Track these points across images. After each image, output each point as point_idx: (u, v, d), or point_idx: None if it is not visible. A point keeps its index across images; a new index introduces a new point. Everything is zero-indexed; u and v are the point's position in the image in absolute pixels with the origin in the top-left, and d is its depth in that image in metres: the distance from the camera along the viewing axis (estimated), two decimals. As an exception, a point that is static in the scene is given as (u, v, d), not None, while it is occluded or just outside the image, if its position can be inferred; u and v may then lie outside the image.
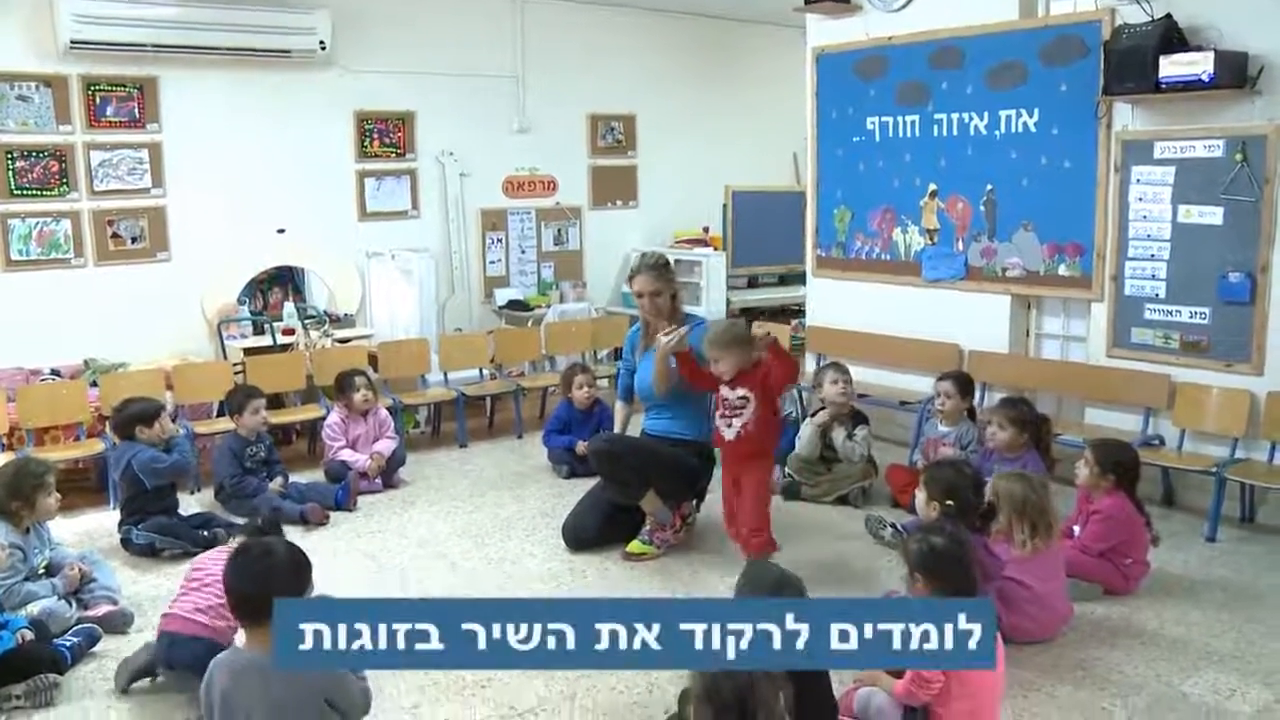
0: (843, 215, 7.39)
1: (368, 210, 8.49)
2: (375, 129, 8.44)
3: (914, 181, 6.87)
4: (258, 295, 8.22)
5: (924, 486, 4.11)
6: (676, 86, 9.95)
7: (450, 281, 8.91)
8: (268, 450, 6.08)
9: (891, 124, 6.95)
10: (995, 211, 6.45)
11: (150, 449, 5.27)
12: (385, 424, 6.49)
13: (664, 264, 5.20)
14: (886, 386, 6.96)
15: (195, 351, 7.60)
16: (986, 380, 6.45)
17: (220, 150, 7.72)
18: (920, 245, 6.89)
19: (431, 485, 6.39)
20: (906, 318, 6.98)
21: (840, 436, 5.88)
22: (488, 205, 9.11)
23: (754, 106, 10.19)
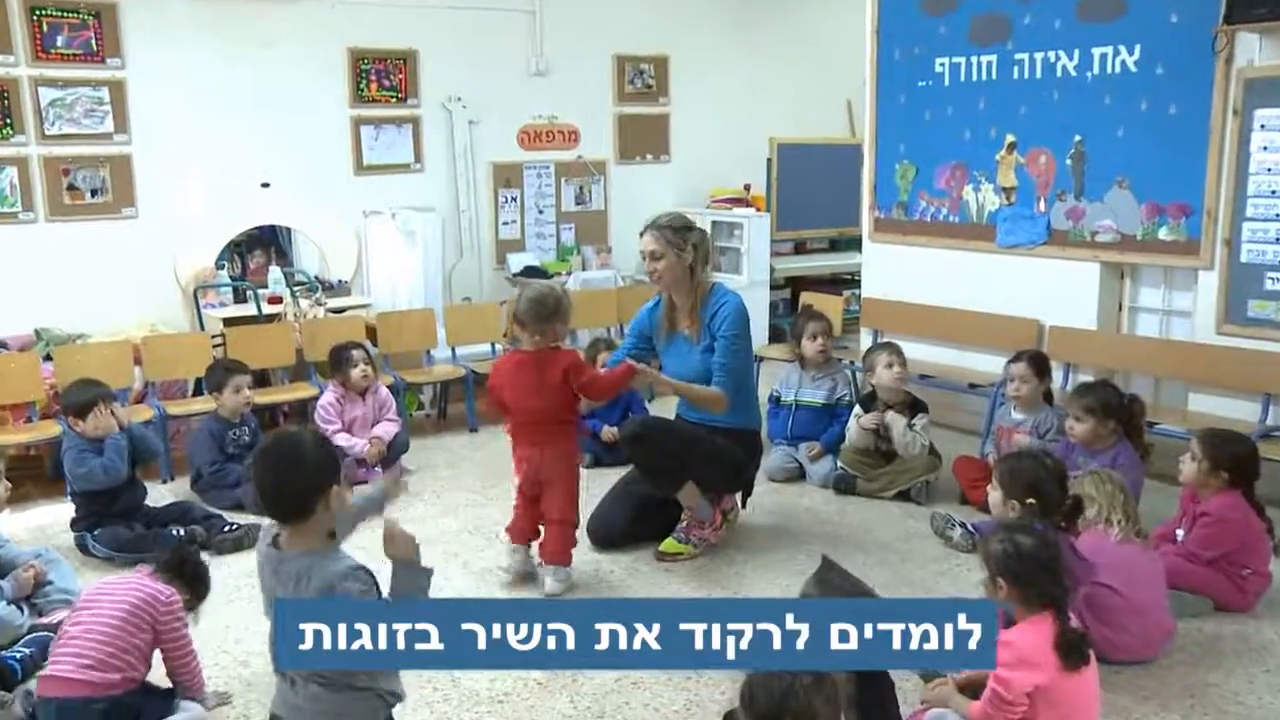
0: (905, 171, 7.35)
1: (364, 163, 8.50)
2: (373, 69, 8.42)
3: (989, 132, 6.80)
4: (238, 258, 8.22)
5: (999, 482, 4.07)
6: (715, 24, 9.89)
7: (458, 245, 8.92)
8: (252, 434, 6.07)
9: (964, 65, 6.88)
10: (1084, 166, 6.36)
11: (81, 445, 5.20)
12: (386, 405, 6.49)
13: (678, 225, 5.03)
14: (953, 368, 6.96)
15: (167, 321, 7.60)
16: (1071, 361, 6.42)
17: (195, 91, 7.74)
18: (995, 206, 6.83)
19: (438, 475, 6.41)
20: (978, 289, 6.94)
21: (899, 427, 5.84)
22: (500, 158, 9.11)
23: (804, 46, 10.14)
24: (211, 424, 6.00)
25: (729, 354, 4.93)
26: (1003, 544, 3.35)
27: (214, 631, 4.28)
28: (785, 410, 6.42)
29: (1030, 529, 3.45)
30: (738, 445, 5.10)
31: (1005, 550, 3.33)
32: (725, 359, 4.93)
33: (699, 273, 5.04)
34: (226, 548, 5.20)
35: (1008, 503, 4.01)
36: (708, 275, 5.11)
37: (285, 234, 8.42)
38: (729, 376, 4.94)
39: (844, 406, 6.27)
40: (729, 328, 4.94)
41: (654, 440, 5.01)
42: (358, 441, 6.22)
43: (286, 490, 2.92)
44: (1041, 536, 3.38)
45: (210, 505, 5.66)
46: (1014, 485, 4.01)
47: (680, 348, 5.11)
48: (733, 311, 4.96)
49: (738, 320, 4.96)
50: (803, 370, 6.46)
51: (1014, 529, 3.45)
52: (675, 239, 4.97)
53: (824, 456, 6.16)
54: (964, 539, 5.09)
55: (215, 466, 5.87)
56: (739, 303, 5.02)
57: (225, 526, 5.32)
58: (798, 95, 10.10)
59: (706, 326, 4.99)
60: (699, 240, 5.03)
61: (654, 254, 4.98)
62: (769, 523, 5.54)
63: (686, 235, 5.00)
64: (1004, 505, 4.02)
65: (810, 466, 6.16)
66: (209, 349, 6.82)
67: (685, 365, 5.05)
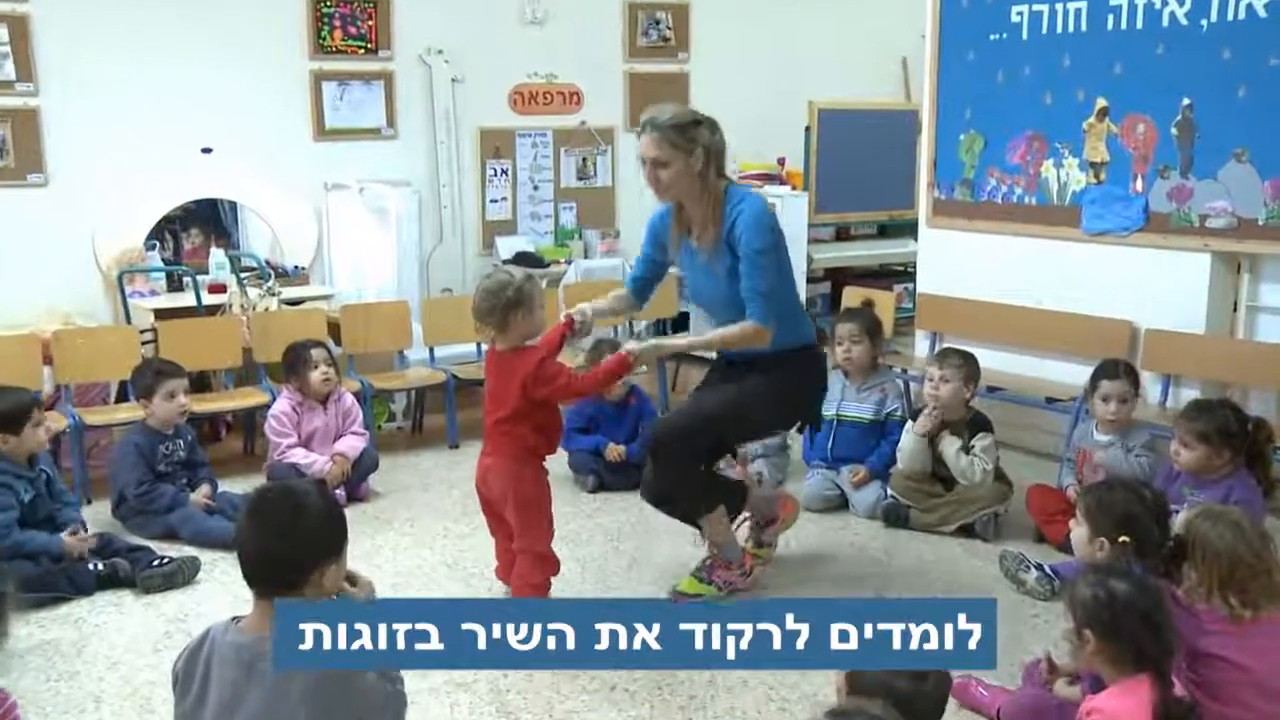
0: (972, 143, 7.32)
1: (326, 127, 8.53)
2: (336, 13, 8.45)
3: (1075, 95, 6.74)
4: (171, 238, 8.23)
5: (1085, 515, 4.04)
6: None
7: (438, 226, 8.98)
8: (189, 448, 6.06)
9: (1046, 14, 6.82)
10: (1193, 136, 6.28)
11: None
12: (351, 415, 6.50)
13: (684, 121, 4.79)
14: (1027, 379, 6.93)
15: (84, 312, 7.59)
16: (1172, 372, 6.37)
17: (120, 33, 7.74)
18: (1081, 184, 6.78)
19: (412, 499, 6.42)
20: (1058, 285, 6.90)
21: (951, 450, 5.81)
22: (489, 124, 9.16)
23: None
24: (139, 437, 5.93)
25: (757, 274, 4.72)
26: (1093, 589, 3.32)
27: (136, 688, 4.26)
28: (825, 427, 6.31)
29: (1127, 573, 3.42)
30: (788, 373, 4.95)
31: (1096, 597, 3.30)
32: (754, 281, 4.72)
33: (711, 179, 4.82)
34: (155, 585, 5.15)
35: (1095, 541, 3.97)
36: (718, 177, 4.88)
37: (230, 210, 8.46)
38: (762, 302, 4.73)
39: (895, 423, 6.22)
40: (752, 241, 4.72)
41: (669, 449, 4.88)
42: (317, 459, 6.24)
43: (276, 561, 2.94)
44: (1140, 582, 3.35)
45: (135, 534, 5.63)
46: (1103, 520, 3.97)
47: (699, 269, 4.96)
48: (753, 220, 4.74)
49: (760, 229, 4.74)
50: (846, 380, 6.41)
51: (1106, 572, 3.42)
52: (682, 140, 4.73)
53: (871, 482, 6.13)
54: (1041, 584, 5.04)
55: (143, 488, 5.80)
56: (759, 206, 4.82)
57: (154, 560, 5.27)
58: (843, 51, 10.16)
59: (725, 242, 4.81)
60: (709, 138, 4.79)
61: (657, 161, 4.75)
62: (805, 561, 5.50)
63: (695, 133, 4.75)
64: (1090, 544, 3.98)
65: (854, 494, 6.13)
66: (136, 346, 6.78)
67: (709, 289, 4.93)
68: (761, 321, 4.71)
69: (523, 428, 4.69)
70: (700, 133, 4.74)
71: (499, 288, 4.61)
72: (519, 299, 4.59)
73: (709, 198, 4.79)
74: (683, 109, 4.94)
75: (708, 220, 4.80)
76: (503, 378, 4.67)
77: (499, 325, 4.60)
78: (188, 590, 5.16)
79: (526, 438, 4.71)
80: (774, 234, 4.78)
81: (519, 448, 4.73)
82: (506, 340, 4.63)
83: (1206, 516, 4.07)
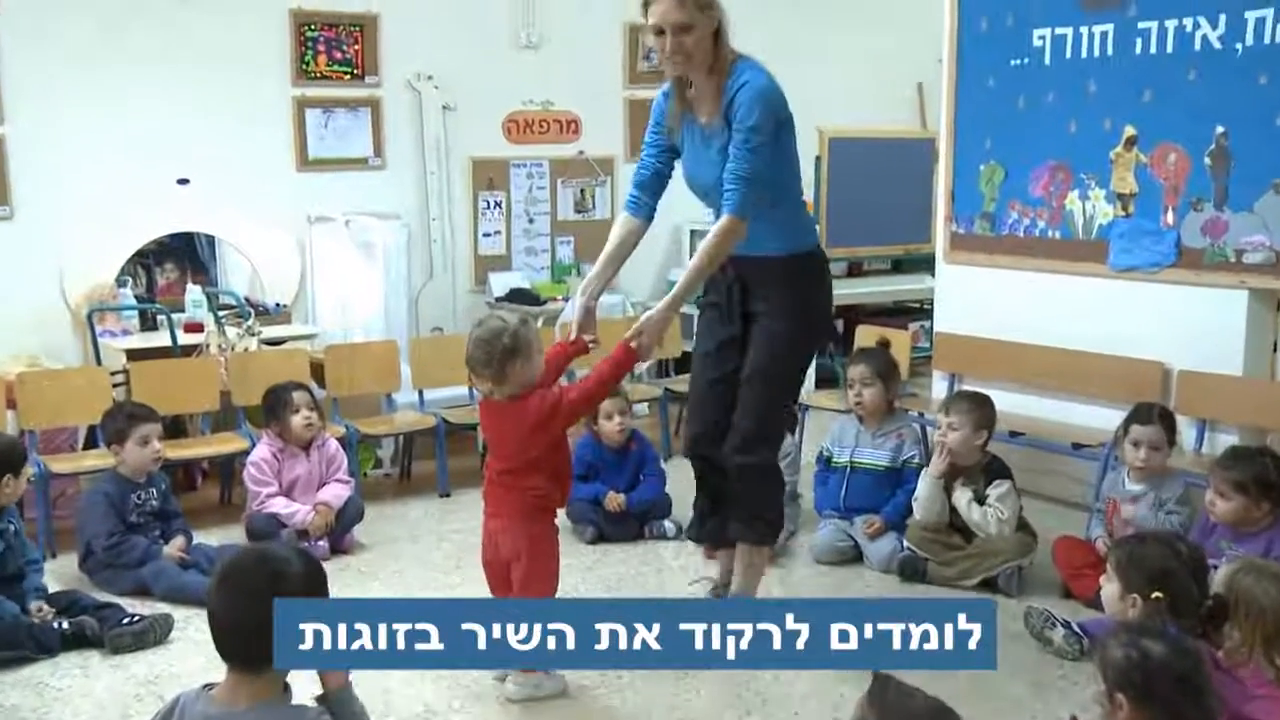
0: (992, 174, 7.33)
1: (310, 156, 8.57)
2: (321, 37, 8.49)
3: (1102, 123, 6.73)
4: (145, 273, 8.26)
5: (1115, 570, 4.04)
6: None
7: (428, 261, 9.01)
8: (162, 498, 6.04)
9: (1070, 38, 6.83)
10: (1228, 166, 6.27)
11: None
12: (335, 462, 6.50)
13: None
14: (1052, 423, 6.91)
15: (52, 352, 7.60)
16: (1207, 417, 6.34)
17: (92, 57, 7.77)
18: (1108, 217, 6.78)
19: (400, 551, 6.40)
20: (1085, 323, 6.88)
21: (963, 501, 5.80)
22: (482, 153, 9.22)
23: (864, 14, 10.22)
24: (109, 485, 5.91)
25: (744, 154, 4.62)
26: (1126, 650, 3.27)
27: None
28: (838, 474, 6.41)
29: (1163, 632, 3.39)
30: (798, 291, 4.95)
31: (1129, 658, 3.25)
32: (738, 163, 4.62)
33: (724, 42, 4.75)
34: (125, 644, 5.10)
35: (1127, 598, 3.97)
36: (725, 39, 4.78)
37: (207, 244, 8.48)
38: (742, 189, 4.63)
39: (911, 471, 6.22)
40: (746, 117, 4.63)
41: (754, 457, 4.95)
42: (299, 509, 6.23)
43: (251, 634, 2.89)
44: (1177, 644, 3.31)
45: (103, 589, 5.61)
46: (1136, 575, 3.97)
47: (698, 148, 4.90)
48: (754, 94, 4.65)
49: (758, 104, 4.64)
50: (860, 425, 6.42)
51: (1141, 632, 3.39)
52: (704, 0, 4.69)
53: (886, 533, 6.11)
54: (1069, 642, 4.99)
55: (113, 539, 5.76)
56: (764, 82, 4.71)
57: (124, 619, 5.22)
58: (855, 76, 10.21)
59: (724, 117, 4.74)
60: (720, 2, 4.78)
61: (681, 26, 4.64)
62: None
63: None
64: (1122, 601, 3.98)
65: (869, 546, 6.10)
66: (107, 389, 6.76)
67: (705, 170, 4.85)
68: (735, 211, 4.63)
69: (535, 478, 4.62)
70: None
71: (494, 335, 4.51)
72: (515, 346, 4.49)
73: (718, 68, 4.73)
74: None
75: (714, 93, 4.76)
76: (504, 428, 4.62)
77: (496, 376, 4.51)
78: (159, 650, 5.10)
79: (539, 487, 4.64)
80: (773, 114, 4.69)
81: (529, 503, 4.64)
82: (505, 390, 4.56)
83: (1249, 571, 4.06)
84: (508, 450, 4.63)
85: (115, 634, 5.12)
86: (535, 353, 4.56)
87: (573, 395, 4.60)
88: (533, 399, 4.54)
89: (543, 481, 4.63)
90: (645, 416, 8.14)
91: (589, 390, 4.67)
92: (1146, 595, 3.89)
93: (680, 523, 6.27)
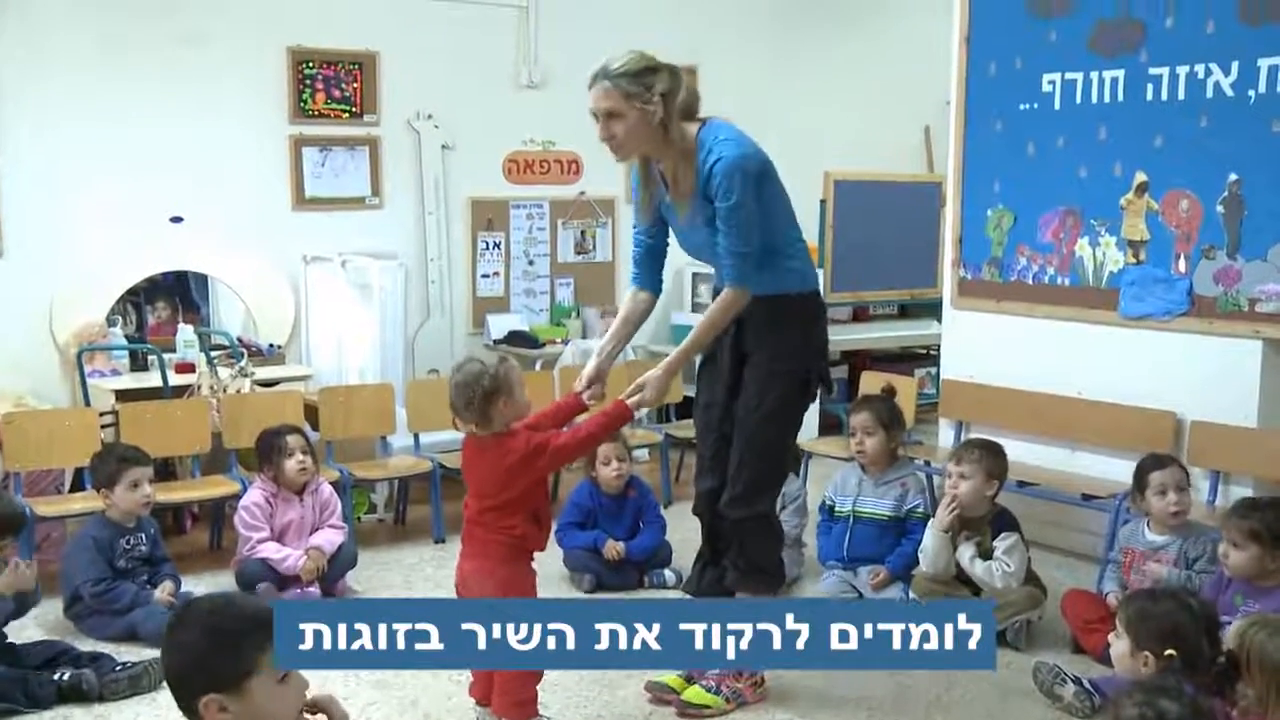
0: (1000, 219, 7.34)
1: (306, 195, 8.59)
2: (319, 76, 8.52)
3: (1112, 169, 6.75)
4: (135, 312, 8.27)
5: (1125, 628, 4.05)
6: (756, 26, 10.09)
7: (425, 302, 9.03)
8: (151, 543, 6.01)
9: (1080, 83, 6.84)
10: (1242, 213, 6.28)
11: None
12: (329, 507, 6.48)
13: (638, 69, 4.67)
14: (1061, 473, 6.90)
15: (39, 392, 7.61)
16: (1221, 468, 6.33)
17: (84, 94, 7.79)
18: (1119, 264, 6.78)
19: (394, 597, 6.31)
20: (1095, 372, 6.89)
21: (965, 556, 5.79)
22: (481, 194, 9.25)
23: (871, 57, 10.30)
24: (96, 530, 5.88)
25: (732, 233, 4.66)
26: (1140, 710, 3.23)
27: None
28: (841, 524, 6.39)
29: (1176, 691, 3.34)
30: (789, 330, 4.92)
31: (1144, 718, 3.22)
32: (728, 240, 4.67)
33: (675, 129, 4.73)
34: (121, 689, 5.06)
35: (1139, 655, 3.98)
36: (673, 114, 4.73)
37: (200, 283, 8.48)
38: (737, 263, 4.69)
39: (916, 520, 6.21)
40: (725, 197, 4.63)
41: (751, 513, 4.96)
42: (291, 553, 6.20)
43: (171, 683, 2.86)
44: (1193, 704, 3.27)
45: (90, 636, 5.57)
46: (1146, 632, 3.99)
47: (684, 223, 4.93)
48: (725, 171, 4.63)
49: (732, 180, 4.62)
50: (863, 473, 6.41)
51: (1154, 690, 3.36)
52: (637, 88, 4.65)
53: (891, 584, 6.12)
54: (1079, 699, 4.95)
55: (102, 586, 5.72)
56: (733, 154, 4.66)
57: (116, 666, 5.20)
58: (861, 119, 10.26)
59: (703, 196, 4.73)
60: (668, 84, 4.68)
61: (610, 113, 4.68)
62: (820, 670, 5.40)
63: (651, 81, 4.67)
64: (1133, 657, 4.00)
65: (873, 597, 6.08)
66: (96, 431, 6.74)
67: (700, 243, 4.88)
68: (736, 284, 4.71)
69: (514, 518, 4.60)
70: (658, 79, 4.65)
71: (473, 379, 4.52)
72: (496, 387, 4.50)
73: (676, 149, 4.74)
74: (639, 54, 4.76)
75: (680, 174, 4.78)
76: (485, 464, 4.61)
77: (480, 419, 4.53)
78: (146, 700, 5.05)
79: (516, 528, 4.62)
80: (752, 182, 4.68)
81: (505, 545, 4.62)
82: (491, 428, 4.58)
83: (1262, 626, 4.03)
84: (487, 488, 4.62)
85: (110, 681, 5.09)
86: (518, 389, 4.57)
87: (560, 441, 4.61)
88: (519, 438, 4.56)
89: (521, 522, 4.61)
90: (645, 462, 8.12)
91: (578, 440, 4.69)
92: (1158, 653, 3.89)
93: (681, 571, 6.24)
